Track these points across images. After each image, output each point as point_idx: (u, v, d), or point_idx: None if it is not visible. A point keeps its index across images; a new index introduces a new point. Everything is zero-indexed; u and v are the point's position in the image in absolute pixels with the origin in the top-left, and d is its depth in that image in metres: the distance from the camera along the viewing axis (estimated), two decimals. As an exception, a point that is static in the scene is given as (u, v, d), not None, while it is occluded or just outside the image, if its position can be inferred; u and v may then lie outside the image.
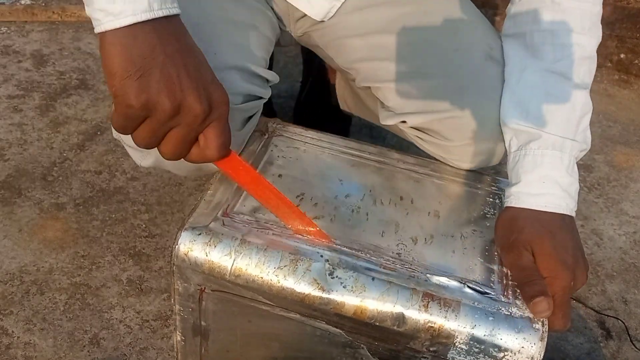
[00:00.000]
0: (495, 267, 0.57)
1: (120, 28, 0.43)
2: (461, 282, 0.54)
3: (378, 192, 0.64)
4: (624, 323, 1.09)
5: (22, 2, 1.91)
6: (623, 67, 1.88)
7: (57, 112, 1.46)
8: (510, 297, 0.54)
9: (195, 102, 0.46)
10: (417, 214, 0.62)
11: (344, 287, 0.52)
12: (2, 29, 1.78)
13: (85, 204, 1.21)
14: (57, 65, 1.64)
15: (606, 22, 1.81)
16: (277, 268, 0.53)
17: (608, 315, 1.11)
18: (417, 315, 0.51)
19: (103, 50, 0.45)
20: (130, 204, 1.22)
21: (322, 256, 0.54)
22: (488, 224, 0.63)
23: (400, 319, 0.51)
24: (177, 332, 0.62)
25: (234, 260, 0.53)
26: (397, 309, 0.51)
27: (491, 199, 0.67)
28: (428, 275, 0.54)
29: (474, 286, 0.54)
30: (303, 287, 0.52)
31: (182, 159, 0.51)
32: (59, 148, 1.35)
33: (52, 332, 0.97)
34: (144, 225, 1.18)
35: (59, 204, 1.20)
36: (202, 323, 0.60)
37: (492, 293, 0.54)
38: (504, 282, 0.55)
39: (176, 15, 0.48)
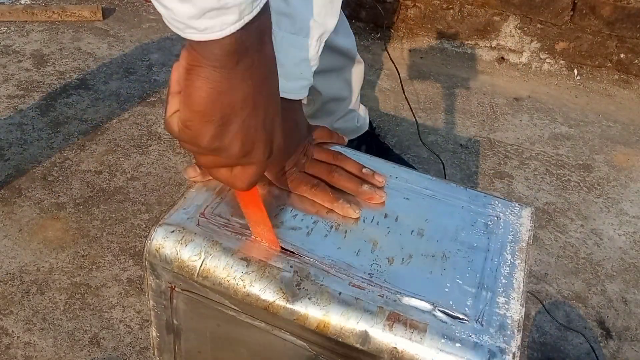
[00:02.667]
0: (473, 290, 0.54)
1: (219, 69, 0.40)
2: (432, 305, 0.51)
3: (363, 209, 0.61)
4: (539, 300, 1.11)
5: (22, 2, 1.91)
6: (623, 67, 1.88)
7: (57, 112, 1.46)
8: (484, 324, 0.50)
9: (260, 155, 0.46)
10: (399, 233, 0.59)
11: (309, 298, 0.51)
12: (2, 29, 1.78)
13: (85, 204, 1.21)
14: (57, 65, 1.64)
15: (606, 22, 1.81)
16: (245, 273, 0.52)
17: (530, 293, 1.11)
18: (380, 334, 0.49)
19: (194, 81, 0.40)
20: (131, 203, 1.22)
21: (291, 267, 0.53)
22: (475, 244, 0.59)
23: (364, 337, 0.49)
24: (153, 328, 0.62)
25: (203, 261, 0.53)
26: (360, 326, 0.49)
27: (483, 220, 0.63)
28: (398, 295, 0.52)
29: (445, 309, 0.51)
30: (268, 294, 0.51)
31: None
32: (59, 148, 1.35)
33: (52, 332, 0.97)
34: (144, 225, 1.18)
35: (59, 204, 1.20)
36: (174, 321, 0.60)
37: (465, 318, 0.50)
38: (480, 306, 0.52)
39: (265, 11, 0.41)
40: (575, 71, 1.90)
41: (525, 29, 1.90)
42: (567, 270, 1.20)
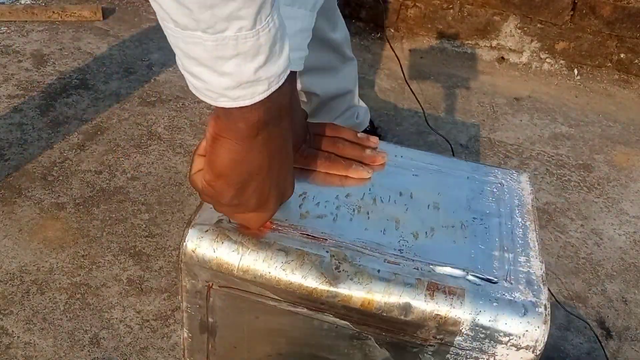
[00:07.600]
0: (496, 253, 0.58)
1: (240, 142, 0.45)
2: (464, 271, 0.55)
3: (377, 190, 0.65)
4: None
5: (22, 2, 1.91)
6: (623, 67, 1.88)
7: (57, 112, 1.46)
8: (513, 282, 0.54)
9: (272, 206, 0.52)
10: (417, 208, 0.63)
11: (350, 279, 0.53)
12: (2, 28, 1.78)
13: (85, 204, 1.21)
14: (57, 65, 1.64)
15: (606, 22, 1.81)
16: (285, 263, 0.54)
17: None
18: (423, 304, 0.52)
19: (218, 149, 0.45)
20: (131, 203, 1.22)
21: (327, 252, 0.55)
22: (487, 211, 0.63)
23: (407, 308, 0.53)
24: (184, 330, 0.63)
25: (241, 256, 0.55)
26: (403, 299, 0.53)
27: (489, 188, 0.67)
28: (431, 266, 0.55)
29: (476, 274, 0.55)
30: (310, 281, 0.54)
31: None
32: (59, 148, 1.35)
33: (52, 332, 0.97)
34: (144, 225, 1.18)
35: (59, 203, 1.20)
36: (210, 320, 0.61)
37: (495, 279, 0.55)
38: (506, 267, 0.56)
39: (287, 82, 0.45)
40: (576, 71, 1.90)
41: (526, 28, 1.90)
42: (567, 270, 1.20)
